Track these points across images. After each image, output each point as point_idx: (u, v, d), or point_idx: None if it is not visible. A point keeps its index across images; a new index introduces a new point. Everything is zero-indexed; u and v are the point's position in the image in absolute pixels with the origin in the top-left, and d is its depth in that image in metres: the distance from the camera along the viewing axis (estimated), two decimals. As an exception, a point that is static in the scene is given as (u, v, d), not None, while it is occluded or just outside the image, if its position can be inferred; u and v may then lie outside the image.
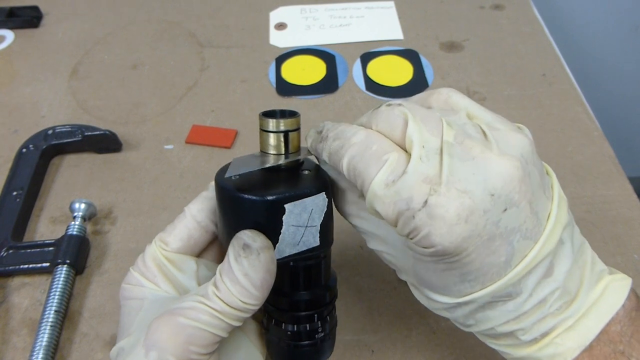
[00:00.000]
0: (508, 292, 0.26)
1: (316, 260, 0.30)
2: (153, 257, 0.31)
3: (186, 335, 0.26)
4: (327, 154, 0.28)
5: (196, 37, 0.70)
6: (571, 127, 0.57)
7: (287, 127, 0.29)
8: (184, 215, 0.31)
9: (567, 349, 0.26)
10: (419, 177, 0.24)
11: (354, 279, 0.45)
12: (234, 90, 0.62)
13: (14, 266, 0.45)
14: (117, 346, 0.29)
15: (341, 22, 0.71)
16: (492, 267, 0.25)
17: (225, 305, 0.26)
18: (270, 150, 0.30)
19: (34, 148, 0.54)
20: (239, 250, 0.27)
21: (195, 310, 0.26)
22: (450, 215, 0.23)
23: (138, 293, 0.30)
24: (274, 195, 0.27)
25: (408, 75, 0.63)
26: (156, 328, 0.26)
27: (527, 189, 0.25)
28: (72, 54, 0.68)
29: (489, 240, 0.24)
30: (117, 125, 0.59)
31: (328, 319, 0.32)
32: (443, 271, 0.26)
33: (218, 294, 0.27)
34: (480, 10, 0.72)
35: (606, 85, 1.15)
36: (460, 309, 0.28)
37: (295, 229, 0.28)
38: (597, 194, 0.51)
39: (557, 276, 0.26)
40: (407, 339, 0.41)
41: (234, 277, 0.26)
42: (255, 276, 0.27)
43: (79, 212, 0.48)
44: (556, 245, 0.26)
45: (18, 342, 0.42)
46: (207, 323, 0.26)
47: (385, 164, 0.25)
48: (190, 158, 0.55)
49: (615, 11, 1.05)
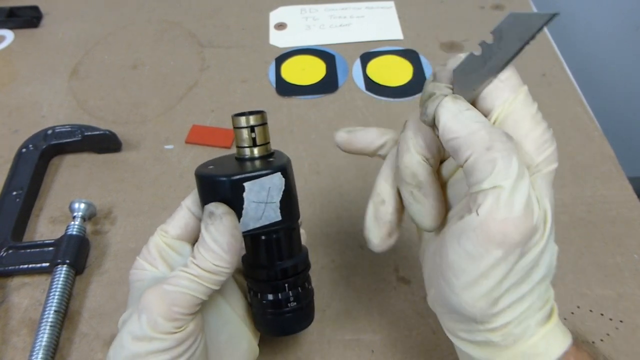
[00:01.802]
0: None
1: (283, 233, 0.35)
2: (155, 245, 0.35)
3: (170, 299, 0.30)
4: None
5: (196, 37, 0.70)
6: (571, 127, 0.57)
7: (255, 122, 0.34)
8: (180, 208, 0.36)
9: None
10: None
11: (354, 279, 0.45)
12: (234, 90, 0.62)
13: (14, 266, 0.45)
14: (120, 320, 0.33)
15: (341, 22, 0.71)
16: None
17: (201, 270, 0.31)
18: (244, 144, 0.34)
19: (33, 148, 0.54)
20: (207, 219, 0.31)
21: (177, 278, 0.31)
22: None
23: (141, 276, 0.34)
24: (234, 176, 0.32)
25: (408, 75, 0.63)
26: (145, 296, 0.30)
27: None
28: (72, 54, 0.68)
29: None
30: (117, 125, 0.59)
31: (302, 289, 0.36)
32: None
33: (195, 261, 0.31)
34: (480, 10, 0.72)
35: (606, 85, 1.15)
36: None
37: (257, 205, 0.33)
38: (597, 194, 0.51)
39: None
40: (407, 339, 0.41)
41: (206, 244, 0.31)
42: (223, 240, 0.31)
43: (78, 212, 0.48)
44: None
45: (18, 342, 0.42)
46: (187, 287, 0.30)
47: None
48: (190, 158, 0.55)
49: (615, 11, 1.05)
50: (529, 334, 0.28)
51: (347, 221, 0.49)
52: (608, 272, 0.45)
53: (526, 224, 0.25)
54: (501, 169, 0.25)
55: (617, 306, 0.43)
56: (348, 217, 0.49)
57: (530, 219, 0.26)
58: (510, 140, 0.26)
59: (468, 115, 0.27)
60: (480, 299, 0.27)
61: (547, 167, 0.28)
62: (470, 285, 0.27)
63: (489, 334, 0.28)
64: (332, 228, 0.48)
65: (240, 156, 0.34)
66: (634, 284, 0.44)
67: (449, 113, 0.27)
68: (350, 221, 0.49)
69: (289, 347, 0.41)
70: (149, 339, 0.30)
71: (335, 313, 0.42)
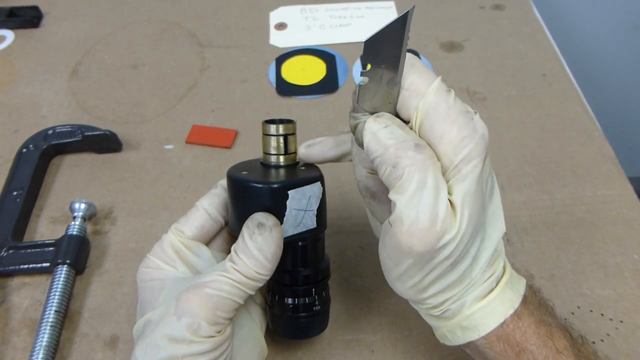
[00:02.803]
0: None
1: (313, 241, 0.36)
2: (170, 244, 0.35)
3: (213, 303, 0.30)
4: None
5: (196, 37, 0.70)
6: (571, 127, 0.57)
7: (285, 131, 0.35)
8: (196, 209, 0.36)
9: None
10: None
11: (354, 279, 0.45)
12: (234, 90, 0.62)
13: (14, 266, 0.45)
14: (144, 319, 0.33)
15: (341, 22, 0.71)
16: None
17: (242, 277, 0.31)
18: (272, 151, 0.35)
19: (34, 148, 0.54)
20: (254, 228, 0.32)
21: (218, 282, 0.31)
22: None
23: (158, 275, 0.34)
24: (279, 184, 0.33)
25: (408, 75, 0.63)
26: (186, 298, 0.30)
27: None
28: (72, 54, 0.68)
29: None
30: (117, 125, 0.59)
31: (320, 296, 0.37)
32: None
33: (236, 267, 0.31)
34: (480, 10, 0.72)
35: (606, 85, 1.15)
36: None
37: (297, 212, 0.33)
38: (597, 194, 0.51)
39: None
40: (407, 339, 0.41)
41: (250, 252, 0.31)
42: (268, 250, 0.31)
43: (79, 212, 0.48)
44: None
45: (18, 342, 0.42)
46: (228, 292, 0.31)
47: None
48: (190, 158, 0.55)
49: (615, 11, 1.05)
50: (466, 308, 0.30)
51: (347, 221, 0.49)
52: (608, 272, 0.45)
53: (429, 234, 0.27)
54: (402, 184, 0.27)
55: (617, 306, 0.43)
56: (348, 217, 0.50)
57: (433, 229, 0.27)
58: (419, 151, 0.27)
59: (384, 134, 0.28)
60: (408, 290, 0.31)
61: (466, 166, 0.28)
62: (398, 279, 0.30)
63: (428, 310, 0.32)
64: (332, 228, 0.48)
65: (267, 162, 0.35)
66: (634, 284, 0.44)
67: (369, 134, 0.29)
68: (351, 221, 0.49)
69: (290, 347, 0.41)
70: (188, 342, 0.30)
71: (335, 313, 0.42)
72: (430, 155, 0.27)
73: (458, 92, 0.61)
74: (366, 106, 0.30)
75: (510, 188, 0.51)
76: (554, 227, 0.48)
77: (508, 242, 0.47)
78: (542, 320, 0.31)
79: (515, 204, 0.50)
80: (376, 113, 0.30)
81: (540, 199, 0.50)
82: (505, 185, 0.52)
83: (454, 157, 0.28)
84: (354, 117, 0.31)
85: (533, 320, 0.30)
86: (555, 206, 0.50)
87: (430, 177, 0.27)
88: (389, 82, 0.29)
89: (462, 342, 0.31)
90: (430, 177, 0.27)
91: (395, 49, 0.28)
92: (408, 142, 0.27)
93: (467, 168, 0.28)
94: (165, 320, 0.31)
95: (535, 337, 0.30)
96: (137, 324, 0.34)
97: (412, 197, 0.27)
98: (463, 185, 0.27)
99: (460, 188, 0.27)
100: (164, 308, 0.32)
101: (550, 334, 0.30)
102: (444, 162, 0.28)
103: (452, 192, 0.28)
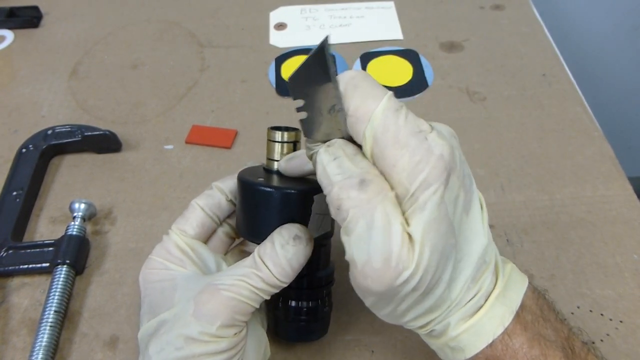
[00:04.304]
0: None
1: (326, 245, 0.37)
2: (176, 245, 0.35)
3: (232, 307, 0.31)
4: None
5: (196, 37, 0.70)
6: (571, 127, 0.57)
7: (290, 139, 0.35)
8: (194, 208, 0.36)
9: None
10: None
11: (354, 279, 0.45)
12: (234, 90, 0.62)
13: (14, 266, 0.45)
14: (158, 319, 0.32)
15: (341, 22, 0.71)
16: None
17: (264, 284, 0.31)
18: (276, 157, 0.35)
19: (33, 148, 0.54)
20: (289, 239, 0.32)
21: (237, 287, 0.31)
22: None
23: (166, 275, 0.34)
24: (304, 189, 0.33)
25: (408, 76, 0.63)
26: (206, 300, 0.31)
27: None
28: (72, 54, 0.68)
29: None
30: (117, 125, 0.58)
31: (322, 301, 0.37)
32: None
33: (259, 274, 0.31)
34: (480, 10, 0.72)
35: (606, 85, 1.15)
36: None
37: (319, 217, 0.34)
38: (597, 194, 0.51)
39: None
40: (407, 339, 0.41)
41: (278, 260, 0.31)
42: (297, 262, 0.32)
43: (78, 212, 0.47)
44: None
45: (18, 342, 0.42)
46: (247, 297, 0.31)
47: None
48: (190, 158, 0.55)
49: (615, 11, 1.05)
50: (451, 329, 0.29)
51: (347, 221, 0.49)
52: (608, 272, 0.45)
53: (385, 274, 0.25)
54: (347, 226, 0.26)
55: (617, 306, 0.43)
56: (348, 217, 0.49)
57: (387, 268, 0.25)
58: (363, 190, 0.25)
59: (331, 168, 0.27)
60: (385, 317, 0.30)
61: (424, 193, 0.25)
62: (372, 308, 0.30)
63: (415, 330, 0.31)
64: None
65: (270, 168, 0.36)
66: (634, 284, 0.44)
67: (320, 167, 0.28)
68: (350, 221, 0.49)
69: (290, 348, 0.41)
70: (205, 342, 0.30)
71: (336, 313, 0.42)
72: (378, 190, 0.25)
73: (458, 92, 0.61)
74: (317, 137, 0.29)
75: (510, 188, 0.51)
76: (553, 227, 0.48)
77: (508, 242, 0.47)
78: (537, 337, 0.28)
79: (515, 204, 0.50)
80: (328, 141, 0.28)
81: (540, 199, 0.50)
82: (505, 185, 0.52)
83: (409, 185, 0.25)
84: (308, 147, 0.30)
85: (526, 338, 0.28)
86: (555, 206, 0.50)
87: (378, 216, 0.25)
88: (329, 110, 0.27)
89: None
90: (377, 216, 0.25)
91: (323, 79, 0.27)
92: (352, 179, 0.26)
93: (424, 195, 0.25)
94: (182, 320, 0.31)
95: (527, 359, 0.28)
96: (147, 323, 0.33)
97: (359, 239, 0.25)
98: (422, 215, 0.25)
99: (420, 218, 0.25)
100: (180, 308, 0.32)
101: (544, 355, 0.28)
102: (400, 191, 0.26)
103: (411, 223, 0.25)
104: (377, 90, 0.27)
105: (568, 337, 0.30)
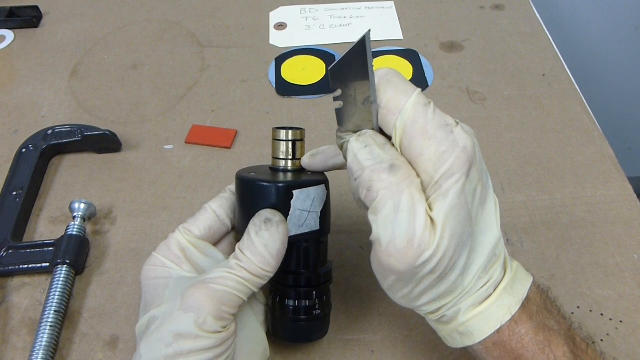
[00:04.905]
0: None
1: (316, 243, 0.37)
2: (177, 243, 0.36)
3: (218, 298, 0.31)
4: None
5: (196, 37, 0.70)
6: (571, 127, 0.57)
7: (294, 137, 0.36)
8: (205, 210, 0.37)
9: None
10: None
11: (354, 279, 0.45)
12: (234, 90, 0.62)
13: (14, 266, 0.45)
14: (148, 316, 0.33)
15: (341, 22, 0.71)
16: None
17: (247, 273, 0.32)
18: (281, 156, 0.36)
19: (33, 148, 0.54)
20: (261, 225, 0.32)
21: (223, 279, 0.32)
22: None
23: (162, 273, 0.35)
24: (285, 183, 0.34)
25: (408, 76, 0.63)
26: (192, 294, 0.31)
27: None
28: (72, 54, 0.68)
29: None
30: (117, 125, 0.58)
31: (321, 300, 0.37)
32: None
33: (241, 264, 0.32)
34: (480, 10, 0.72)
35: (606, 85, 1.15)
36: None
37: (301, 212, 0.34)
38: (597, 194, 0.51)
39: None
40: (407, 339, 0.41)
41: (255, 249, 0.32)
42: (273, 246, 0.32)
43: (78, 212, 0.48)
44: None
45: (18, 342, 0.42)
46: (233, 288, 0.32)
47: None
48: (190, 158, 0.55)
49: (615, 11, 1.05)
50: (461, 315, 0.30)
51: (347, 221, 0.49)
52: (608, 272, 0.45)
53: (407, 254, 0.27)
54: (376, 206, 0.28)
55: (617, 306, 0.43)
56: (348, 217, 0.49)
57: (410, 248, 0.27)
58: (393, 174, 0.27)
59: (363, 154, 0.29)
60: (400, 299, 0.31)
61: (447, 181, 0.27)
62: (389, 290, 0.31)
63: (426, 315, 0.32)
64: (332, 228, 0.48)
65: (276, 167, 0.37)
66: (634, 284, 0.44)
67: (351, 154, 0.30)
68: (350, 221, 0.49)
69: (290, 348, 0.41)
70: (194, 337, 0.30)
71: (335, 313, 0.42)
72: (406, 175, 0.28)
73: (458, 92, 0.61)
74: (348, 126, 0.31)
75: (510, 188, 0.51)
76: (554, 227, 0.48)
77: (508, 242, 0.47)
78: (542, 326, 0.30)
79: (515, 204, 0.50)
80: (359, 131, 0.30)
81: (540, 199, 0.50)
82: (505, 185, 0.52)
83: (434, 173, 0.27)
84: (339, 136, 0.32)
85: (532, 326, 0.30)
86: (555, 206, 0.50)
87: (405, 199, 0.27)
88: (364, 102, 0.30)
89: (460, 346, 0.31)
90: (404, 199, 0.27)
91: (362, 71, 0.29)
92: (383, 164, 0.28)
93: (447, 183, 0.27)
94: (171, 316, 0.31)
95: (532, 344, 0.30)
96: (140, 321, 0.34)
97: (386, 219, 0.27)
98: (445, 201, 0.27)
99: (442, 204, 0.27)
100: (169, 305, 0.32)
101: (548, 341, 0.30)
102: (425, 179, 0.28)
103: (433, 208, 0.27)
104: (407, 86, 0.29)
105: (570, 330, 0.31)
